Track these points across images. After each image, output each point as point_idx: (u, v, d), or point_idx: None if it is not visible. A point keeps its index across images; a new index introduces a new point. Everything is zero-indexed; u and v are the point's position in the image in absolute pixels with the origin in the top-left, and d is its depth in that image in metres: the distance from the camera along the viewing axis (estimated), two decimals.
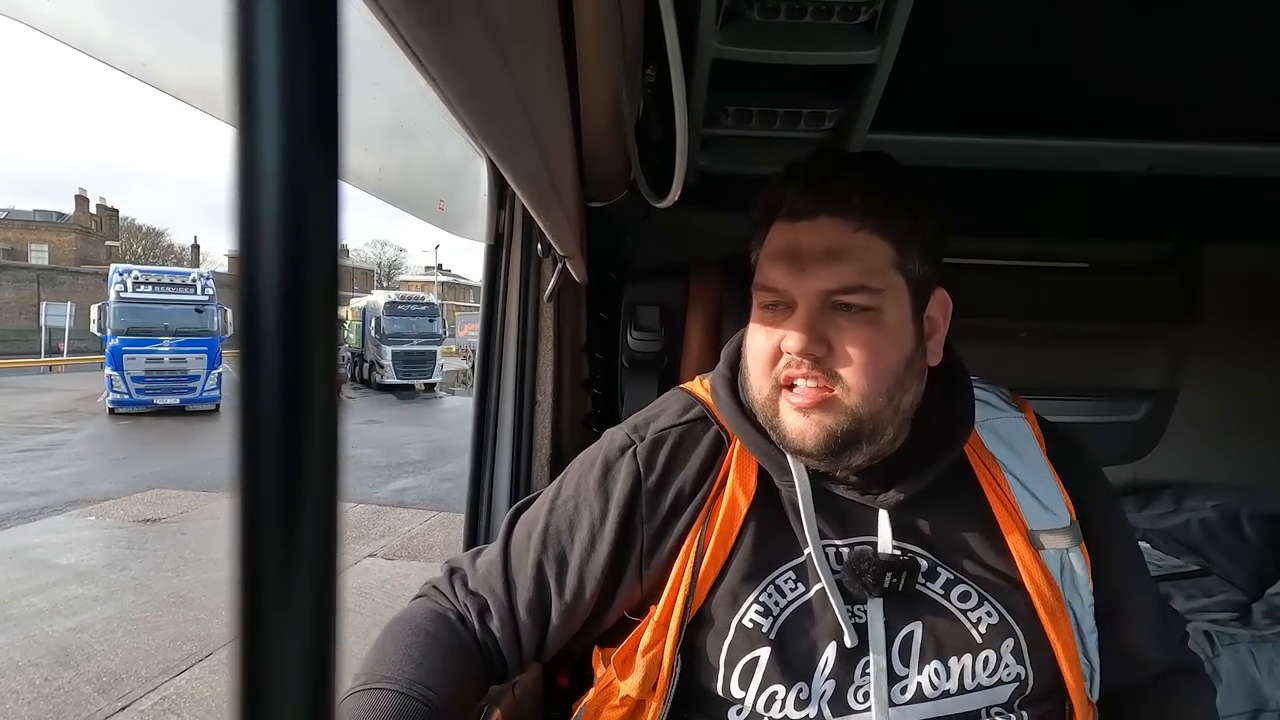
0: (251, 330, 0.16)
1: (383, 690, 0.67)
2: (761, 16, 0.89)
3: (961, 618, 0.74)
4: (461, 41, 0.34)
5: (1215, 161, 1.26)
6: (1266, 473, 1.89)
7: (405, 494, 7.51)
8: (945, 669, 0.73)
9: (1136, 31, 1.04)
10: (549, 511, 0.83)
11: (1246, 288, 1.72)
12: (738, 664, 0.75)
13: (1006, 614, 0.74)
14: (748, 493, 0.78)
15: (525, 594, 0.79)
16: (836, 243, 0.70)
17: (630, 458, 0.81)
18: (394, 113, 0.83)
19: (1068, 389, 1.73)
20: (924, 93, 1.10)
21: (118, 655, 3.94)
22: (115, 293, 13.52)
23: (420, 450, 9.95)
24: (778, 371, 0.72)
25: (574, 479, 0.84)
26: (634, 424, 0.86)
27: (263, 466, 0.16)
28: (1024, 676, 0.74)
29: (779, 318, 0.72)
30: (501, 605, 0.79)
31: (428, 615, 0.78)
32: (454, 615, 0.79)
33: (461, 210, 1.17)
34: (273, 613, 0.17)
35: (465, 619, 0.79)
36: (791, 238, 0.72)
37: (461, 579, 0.82)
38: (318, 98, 0.16)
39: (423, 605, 0.80)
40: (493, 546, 0.84)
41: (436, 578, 0.85)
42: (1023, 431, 0.82)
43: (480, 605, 0.79)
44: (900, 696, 0.73)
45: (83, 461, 8.91)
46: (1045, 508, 0.77)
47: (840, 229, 0.70)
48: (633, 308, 1.13)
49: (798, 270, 0.70)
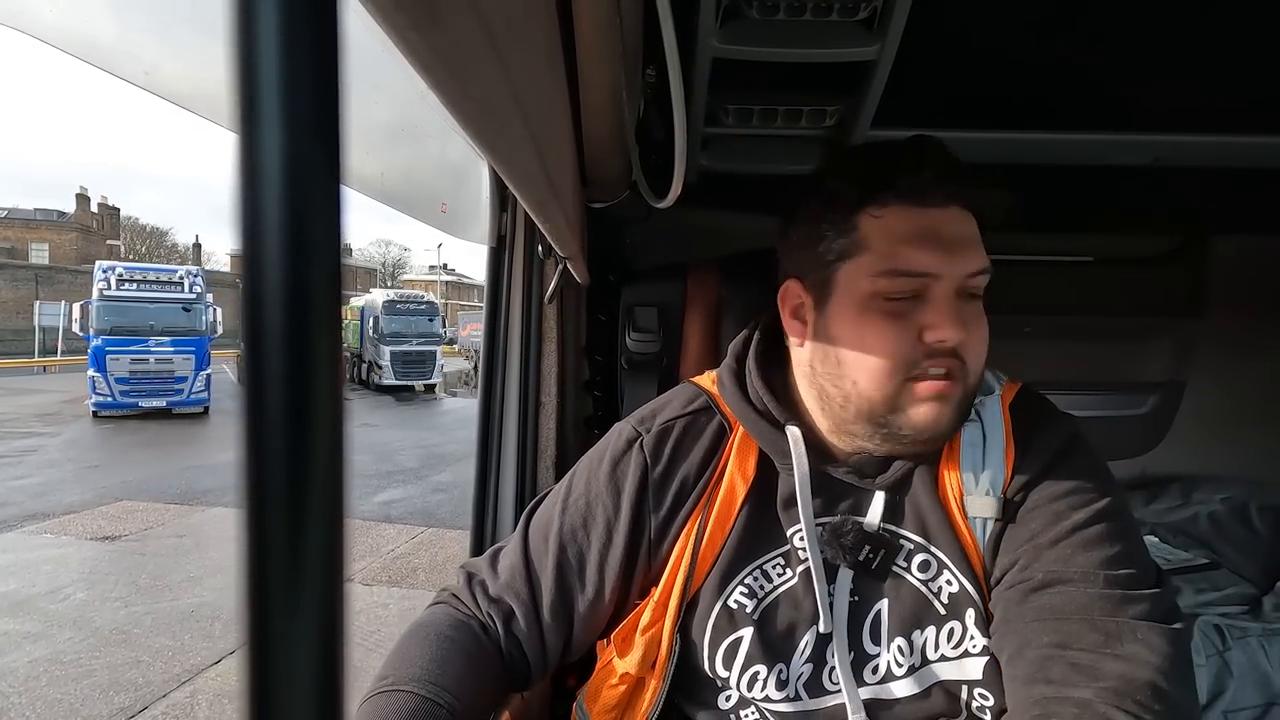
0: (256, 332, 0.16)
1: (406, 693, 0.67)
2: (761, 15, 0.89)
3: (923, 588, 0.75)
4: (456, 44, 0.34)
5: (1221, 153, 1.26)
6: (1275, 465, 1.88)
7: (393, 506, 7.04)
8: (909, 643, 0.74)
9: (1139, 23, 1.04)
10: (562, 511, 0.83)
11: (1254, 279, 1.71)
12: (722, 643, 0.77)
13: (965, 581, 0.74)
14: (746, 479, 0.79)
15: (549, 596, 0.80)
16: (967, 229, 0.72)
17: (638, 450, 0.82)
18: (396, 115, 0.84)
19: (1074, 383, 1.72)
20: (925, 88, 1.09)
21: (33, 711, 3.34)
22: (98, 290, 12.92)
23: (414, 457, 9.53)
24: (915, 363, 0.69)
25: (584, 476, 0.85)
26: (640, 417, 0.87)
27: (268, 465, 0.17)
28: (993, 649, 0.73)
29: (908, 308, 0.70)
30: (527, 610, 0.79)
31: (450, 622, 0.78)
32: (476, 624, 0.79)
33: (464, 212, 1.17)
34: (280, 616, 0.17)
35: (488, 628, 0.79)
36: (928, 222, 0.70)
37: (482, 586, 0.82)
38: (319, 101, 0.17)
39: (444, 611, 0.80)
40: (510, 549, 0.84)
41: (454, 584, 0.85)
42: (994, 410, 0.80)
43: (505, 612, 0.79)
44: (871, 676, 0.74)
45: (53, 470, 8.39)
46: (982, 476, 0.75)
47: (965, 216, 0.72)
48: (631, 309, 1.13)
49: (947, 253, 0.69)
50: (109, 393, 12.32)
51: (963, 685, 0.74)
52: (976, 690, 0.74)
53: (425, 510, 6.94)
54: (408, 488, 7.83)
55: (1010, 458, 0.76)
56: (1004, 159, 1.30)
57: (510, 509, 1.23)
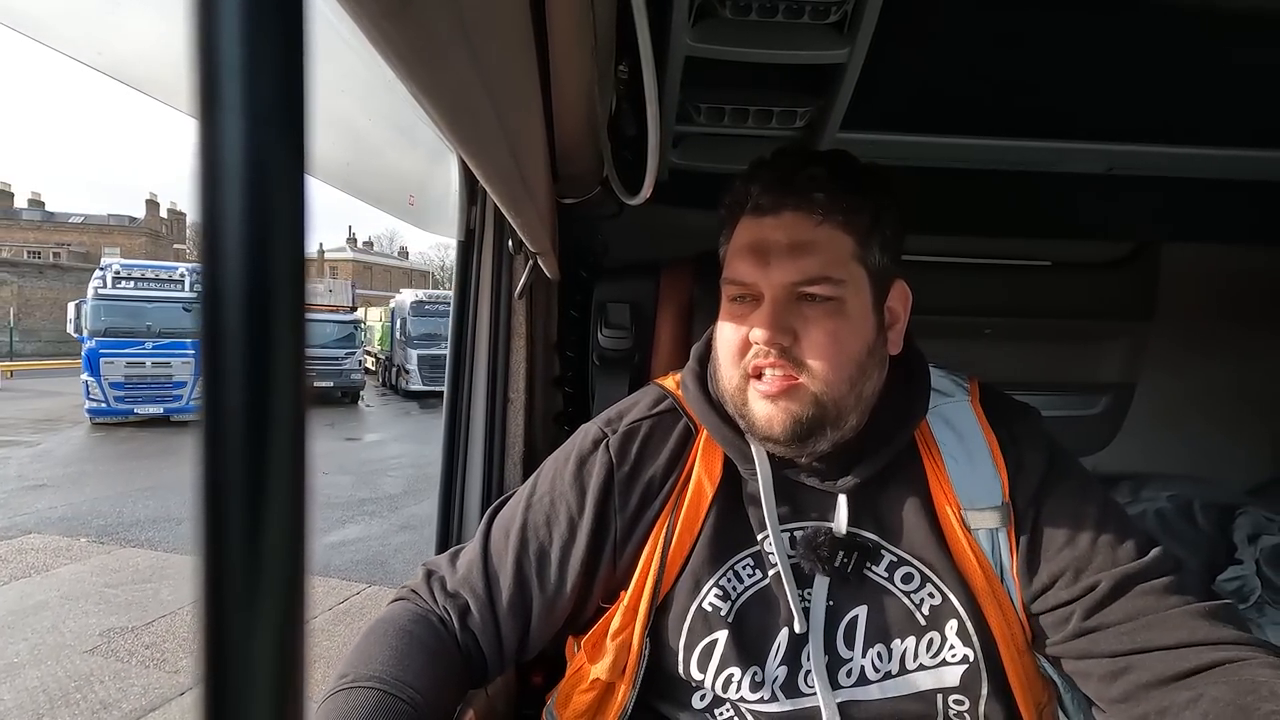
0: (215, 327, 0.16)
1: (368, 689, 0.66)
2: (734, 15, 0.89)
3: (905, 600, 0.76)
4: (427, 34, 0.33)
5: (1173, 164, 1.31)
6: (1218, 464, 1.96)
7: (343, 551, 5.75)
8: (887, 650, 0.75)
9: (1097, 37, 1.07)
10: (525, 509, 0.83)
11: (1201, 286, 1.78)
12: (697, 646, 0.77)
13: (950, 594, 0.75)
14: (713, 481, 0.80)
15: (506, 592, 0.79)
16: (800, 236, 0.72)
17: (604, 450, 0.82)
18: (363, 105, 0.82)
19: (1030, 383, 1.77)
20: (893, 93, 1.11)
21: None
22: (93, 289, 11.84)
23: (401, 479, 8.41)
24: (746, 361, 0.74)
25: (549, 475, 0.85)
26: (607, 418, 0.87)
27: (227, 466, 0.16)
28: (972, 659, 0.74)
29: (746, 310, 0.75)
30: (483, 604, 0.79)
31: (410, 617, 0.77)
32: (434, 618, 0.79)
33: (432, 206, 1.16)
34: (237, 615, 0.16)
35: (445, 621, 0.79)
36: (757, 232, 0.74)
37: (440, 581, 0.82)
38: (283, 89, 0.16)
39: (403, 607, 0.79)
40: (470, 547, 0.84)
41: (414, 580, 0.84)
42: (966, 414, 0.82)
43: (460, 606, 0.79)
44: (845, 679, 0.75)
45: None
46: (979, 488, 0.77)
47: (804, 223, 0.73)
48: (603, 305, 1.12)
49: (764, 263, 0.73)
50: (103, 398, 11.35)
51: (938, 693, 0.75)
52: (952, 697, 0.75)
53: (378, 558, 5.63)
54: (373, 523, 6.63)
55: (1000, 461, 0.78)
56: (966, 164, 1.33)
57: (476, 505, 1.21)
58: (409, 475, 8.64)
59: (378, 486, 7.99)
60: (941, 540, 0.76)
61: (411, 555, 5.76)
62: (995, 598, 0.75)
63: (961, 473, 0.78)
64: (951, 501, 0.77)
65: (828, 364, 0.71)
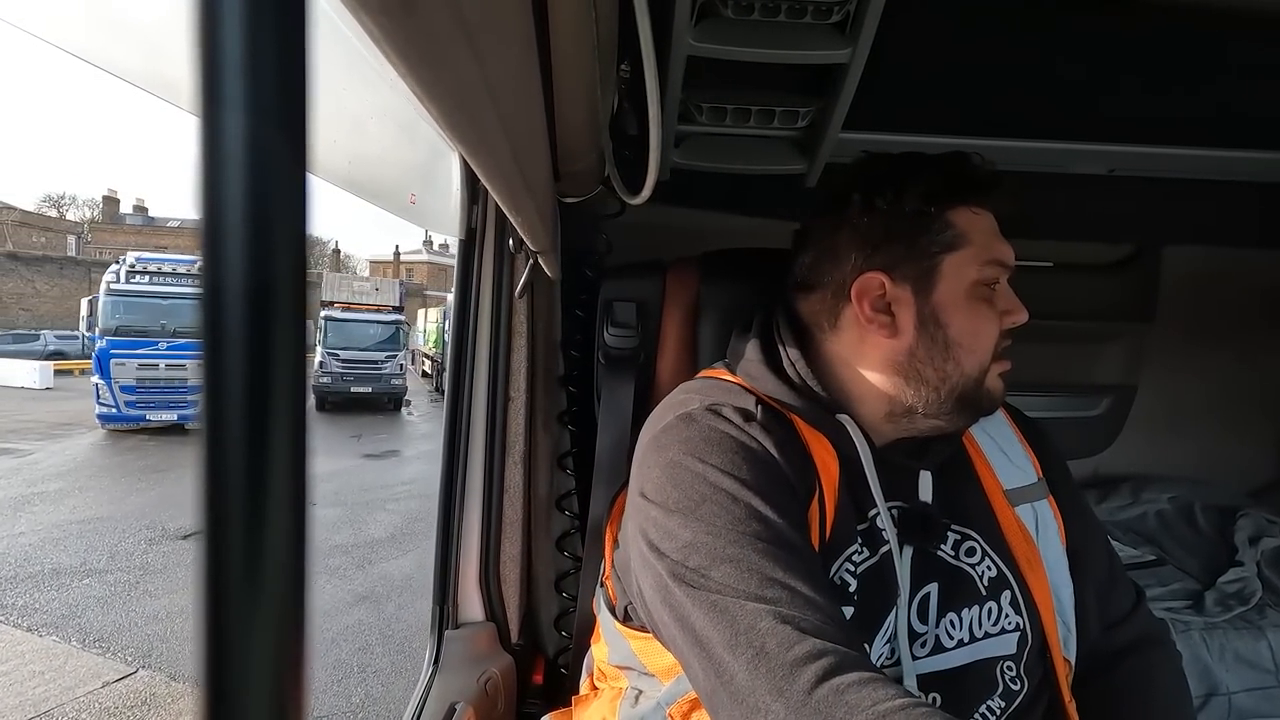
0: (215, 324, 0.16)
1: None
2: (736, 14, 0.89)
3: (970, 571, 0.79)
4: (429, 32, 0.33)
5: (1174, 165, 1.30)
6: (1218, 466, 1.96)
7: None
8: (958, 618, 0.78)
9: (1098, 37, 1.07)
10: (718, 514, 0.68)
11: (1202, 288, 1.78)
12: None
13: (1003, 566, 0.80)
14: (834, 460, 0.77)
15: (810, 591, 0.64)
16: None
17: (751, 424, 0.75)
18: (365, 103, 0.82)
19: (1032, 385, 1.77)
20: (894, 93, 1.11)
21: None
22: (106, 284, 10.86)
23: (394, 517, 7.00)
24: (999, 342, 0.79)
25: (695, 474, 0.71)
26: (709, 403, 0.77)
27: (228, 464, 0.16)
28: (1023, 627, 0.79)
29: (992, 294, 0.79)
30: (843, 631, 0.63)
31: (898, 692, 0.57)
32: (879, 676, 0.59)
33: (434, 204, 1.16)
34: (237, 615, 0.16)
35: (880, 670, 0.60)
36: (988, 222, 0.80)
37: (834, 655, 0.59)
38: (284, 87, 0.16)
39: (878, 688, 0.57)
40: (746, 639, 0.61)
41: (824, 678, 0.58)
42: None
43: (854, 650, 0.61)
44: (920, 650, 0.77)
45: None
46: (1016, 466, 0.87)
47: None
48: (609, 304, 1.12)
49: (1010, 249, 0.80)
50: (113, 403, 10.34)
51: (998, 662, 0.78)
52: (1006, 664, 0.79)
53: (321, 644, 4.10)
54: (328, 588, 5.01)
55: (1024, 441, 0.90)
56: None
57: (478, 504, 1.21)
58: (409, 509, 7.34)
59: (363, 528, 6.66)
60: (991, 515, 0.82)
61: (352, 649, 4.13)
62: (1034, 570, 0.81)
63: (995, 454, 0.86)
64: (996, 481, 0.84)
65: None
